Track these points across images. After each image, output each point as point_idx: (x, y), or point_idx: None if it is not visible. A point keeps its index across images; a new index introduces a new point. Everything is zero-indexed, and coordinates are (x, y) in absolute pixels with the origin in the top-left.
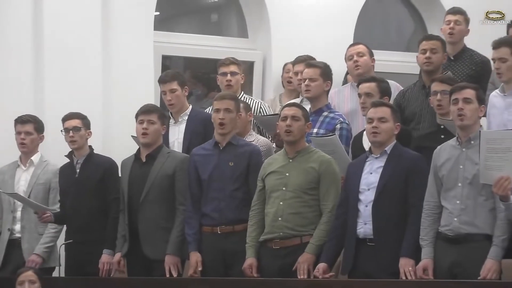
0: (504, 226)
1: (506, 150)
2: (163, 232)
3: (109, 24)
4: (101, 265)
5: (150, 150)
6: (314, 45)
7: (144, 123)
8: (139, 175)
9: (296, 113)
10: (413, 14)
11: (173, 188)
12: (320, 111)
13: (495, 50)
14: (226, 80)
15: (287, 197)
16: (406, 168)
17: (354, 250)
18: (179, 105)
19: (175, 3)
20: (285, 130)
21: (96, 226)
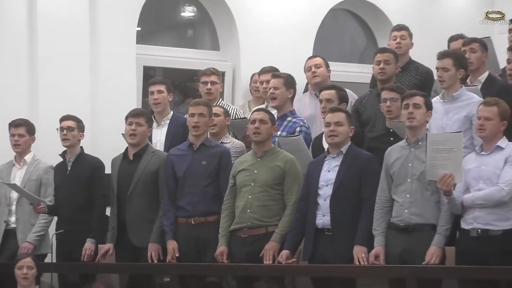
0: (447, 217)
1: (449, 150)
2: (148, 223)
3: (97, 38)
4: (83, 251)
5: (137, 149)
6: (278, 57)
7: (133, 125)
8: (127, 171)
9: (264, 117)
10: (365, 29)
11: (157, 184)
12: (284, 116)
13: (439, 60)
14: (206, 88)
15: (255, 192)
16: (360, 166)
17: (313, 239)
18: (163, 106)
19: (155, 20)
20: (254, 132)
21: (83, 218)
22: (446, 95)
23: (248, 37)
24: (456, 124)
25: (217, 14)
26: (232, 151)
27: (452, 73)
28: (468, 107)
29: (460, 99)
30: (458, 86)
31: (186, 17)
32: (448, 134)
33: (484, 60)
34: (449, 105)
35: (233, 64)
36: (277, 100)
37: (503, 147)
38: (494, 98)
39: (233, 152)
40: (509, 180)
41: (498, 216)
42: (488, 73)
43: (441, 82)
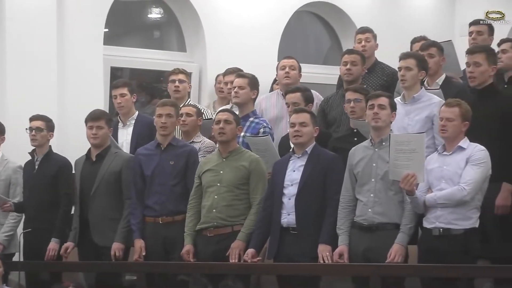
0: (410, 216)
1: (412, 151)
2: (110, 222)
3: (64, 39)
4: (48, 251)
5: (100, 150)
6: (244, 59)
7: (93, 128)
8: (90, 172)
9: (229, 118)
10: (330, 31)
11: (120, 184)
12: (247, 116)
13: (402, 60)
14: (174, 86)
15: (221, 192)
16: (324, 166)
17: (278, 237)
18: (127, 108)
19: (123, 21)
20: (219, 132)
21: (47, 217)
22: (407, 97)
23: (214, 38)
24: (418, 124)
25: (183, 16)
26: (203, 150)
27: (415, 73)
28: (428, 108)
29: (421, 100)
30: (418, 87)
31: (153, 18)
32: (411, 135)
33: (441, 63)
34: (410, 106)
35: (199, 65)
36: (240, 98)
37: (465, 147)
38: (456, 99)
39: (204, 151)
40: (470, 180)
41: (460, 216)
42: (445, 75)
43: (403, 82)
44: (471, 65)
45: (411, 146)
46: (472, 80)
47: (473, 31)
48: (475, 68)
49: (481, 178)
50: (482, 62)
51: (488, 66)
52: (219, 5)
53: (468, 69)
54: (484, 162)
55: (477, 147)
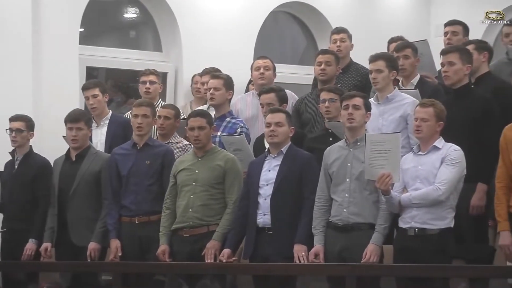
0: (385, 216)
1: (388, 151)
2: (89, 222)
3: (39, 39)
4: (25, 251)
5: (79, 150)
6: (220, 58)
7: (73, 130)
8: (69, 172)
9: (202, 123)
10: (305, 31)
11: (99, 184)
12: (223, 117)
13: (372, 63)
14: (145, 87)
15: (196, 191)
16: (300, 166)
17: (254, 237)
18: (100, 109)
19: (98, 21)
20: (194, 139)
21: (26, 217)
22: (380, 97)
23: (190, 38)
24: (392, 124)
25: (159, 15)
26: (180, 150)
27: (385, 74)
28: (402, 108)
29: (394, 100)
30: (391, 88)
31: (128, 18)
32: (387, 135)
33: (416, 64)
34: (384, 107)
35: (175, 65)
36: (216, 100)
37: (440, 147)
38: (430, 100)
39: (180, 151)
40: (445, 179)
41: (435, 216)
42: (419, 76)
43: (375, 84)
44: (446, 64)
45: (386, 146)
46: (446, 79)
47: (448, 31)
48: (449, 68)
49: (456, 178)
50: (456, 61)
51: (462, 65)
52: (195, 5)
53: (443, 69)
54: (459, 162)
55: (452, 147)
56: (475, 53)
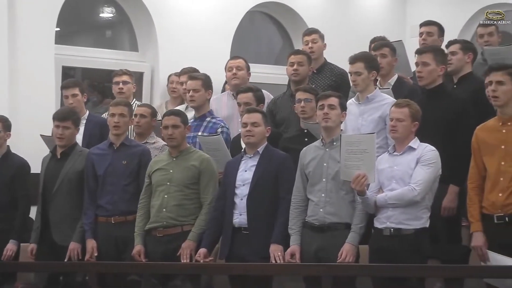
0: (361, 216)
1: (363, 151)
2: (71, 221)
3: (15, 38)
4: (5, 251)
5: (65, 148)
6: (196, 58)
7: (60, 128)
8: (54, 170)
9: (176, 122)
10: (282, 31)
11: (83, 183)
12: (203, 117)
13: (351, 65)
14: (118, 88)
15: (171, 191)
16: (276, 166)
17: (230, 237)
18: (78, 109)
19: (74, 20)
20: (168, 137)
21: (5, 217)
22: (361, 97)
23: (167, 38)
24: (371, 125)
25: (135, 15)
26: (157, 151)
27: (365, 76)
28: (382, 108)
29: (374, 100)
30: (372, 88)
31: (105, 18)
32: (362, 136)
33: (393, 64)
34: (364, 107)
35: (151, 65)
36: (197, 101)
37: (415, 147)
38: (405, 100)
39: (157, 152)
40: (421, 180)
41: (410, 216)
42: (397, 76)
43: (356, 86)
44: (420, 64)
45: (362, 147)
46: (420, 80)
47: (424, 32)
48: (423, 68)
49: (431, 178)
50: (430, 62)
51: (436, 66)
52: (172, 4)
53: (417, 69)
54: (434, 162)
55: (427, 147)
56: (460, 53)
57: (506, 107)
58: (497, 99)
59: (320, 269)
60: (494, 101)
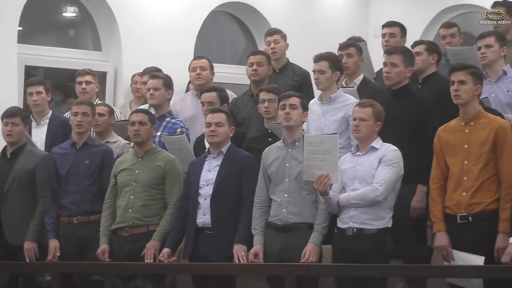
0: (324, 216)
1: (326, 151)
2: (24, 221)
3: None
4: None
5: (15, 147)
6: (160, 58)
7: (9, 125)
8: (4, 170)
9: (143, 119)
10: (245, 32)
11: (34, 182)
12: (163, 117)
13: (315, 63)
14: (81, 88)
15: (136, 192)
16: (239, 166)
17: (194, 237)
18: (42, 107)
19: (37, 19)
20: (134, 134)
21: None
22: (324, 97)
23: (130, 38)
24: (334, 125)
25: (99, 14)
26: (118, 151)
27: (329, 75)
28: (344, 109)
29: (337, 100)
30: (335, 88)
31: (68, 17)
32: (324, 136)
33: (359, 64)
34: (326, 107)
35: (114, 65)
36: (156, 100)
37: (377, 147)
38: (369, 100)
39: (119, 151)
40: (383, 180)
41: (373, 216)
42: (363, 76)
43: (318, 84)
44: (388, 65)
45: (324, 147)
46: (387, 80)
47: (386, 33)
48: (391, 69)
49: (393, 178)
50: (399, 63)
51: (404, 67)
52: (135, 4)
53: (385, 69)
54: (397, 162)
55: (390, 147)
56: (425, 53)
57: (468, 106)
58: (459, 98)
59: (283, 269)
60: (456, 99)
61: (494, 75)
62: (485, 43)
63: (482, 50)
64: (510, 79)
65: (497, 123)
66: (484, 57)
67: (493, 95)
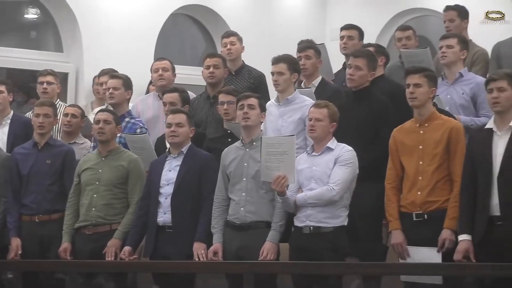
0: (281, 214)
1: (283, 153)
2: None
3: None
4: None
5: None
6: (121, 59)
7: None
8: None
9: (108, 118)
10: (205, 34)
11: None
12: (122, 117)
13: (274, 65)
14: (43, 88)
15: (100, 191)
16: (200, 166)
17: (155, 235)
18: (3, 106)
19: None
20: (98, 132)
21: None
22: (281, 99)
23: (91, 39)
24: (291, 126)
25: (60, 16)
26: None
27: (287, 77)
28: (301, 110)
29: (294, 102)
30: (292, 90)
31: (29, 18)
32: (282, 138)
33: (318, 65)
34: (284, 108)
35: (76, 66)
36: (116, 99)
37: (333, 148)
38: (324, 101)
39: (86, 153)
40: (339, 180)
41: (329, 214)
42: (321, 77)
43: (276, 86)
44: (353, 67)
45: (282, 149)
46: (350, 82)
47: (344, 36)
48: (355, 71)
49: (349, 178)
50: (363, 67)
51: (368, 71)
52: (96, 6)
53: (349, 71)
54: (352, 162)
55: (345, 147)
56: None
57: (423, 108)
58: (414, 100)
59: (242, 266)
60: (412, 101)
61: (451, 77)
62: (447, 43)
63: (443, 49)
64: (466, 81)
65: (451, 124)
66: (444, 56)
67: (449, 96)
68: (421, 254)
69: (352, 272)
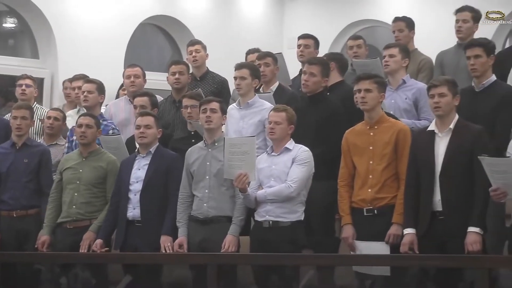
0: (241, 209)
1: (244, 153)
2: None
3: None
4: None
5: None
6: (93, 65)
7: None
8: None
9: (90, 122)
10: (171, 42)
11: None
12: None
13: (237, 70)
14: (21, 89)
15: (80, 190)
16: (166, 165)
17: (125, 229)
18: None
19: None
20: (80, 135)
21: None
22: (242, 102)
23: (65, 47)
24: (251, 128)
25: (36, 25)
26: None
27: (249, 81)
28: (261, 113)
29: (254, 105)
30: (252, 94)
31: (7, 27)
32: (243, 138)
33: (275, 72)
34: (244, 111)
35: (51, 71)
36: (89, 102)
37: (291, 148)
38: (283, 105)
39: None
40: (296, 178)
41: (287, 210)
42: (278, 83)
43: (239, 90)
44: (307, 74)
45: (243, 149)
46: (305, 87)
47: (301, 44)
48: (310, 78)
49: (305, 176)
50: (317, 74)
51: (321, 78)
52: (70, 16)
53: (304, 77)
54: (308, 161)
55: (302, 148)
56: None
57: (372, 111)
58: (365, 104)
59: (205, 258)
60: (363, 106)
61: (395, 83)
62: (389, 52)
63: (386, 59)
64: (409, 87)
65: (398, 126)
66: (387, 65)
67: (393, 101)
68: (372, 247)
69: (308, 263)
